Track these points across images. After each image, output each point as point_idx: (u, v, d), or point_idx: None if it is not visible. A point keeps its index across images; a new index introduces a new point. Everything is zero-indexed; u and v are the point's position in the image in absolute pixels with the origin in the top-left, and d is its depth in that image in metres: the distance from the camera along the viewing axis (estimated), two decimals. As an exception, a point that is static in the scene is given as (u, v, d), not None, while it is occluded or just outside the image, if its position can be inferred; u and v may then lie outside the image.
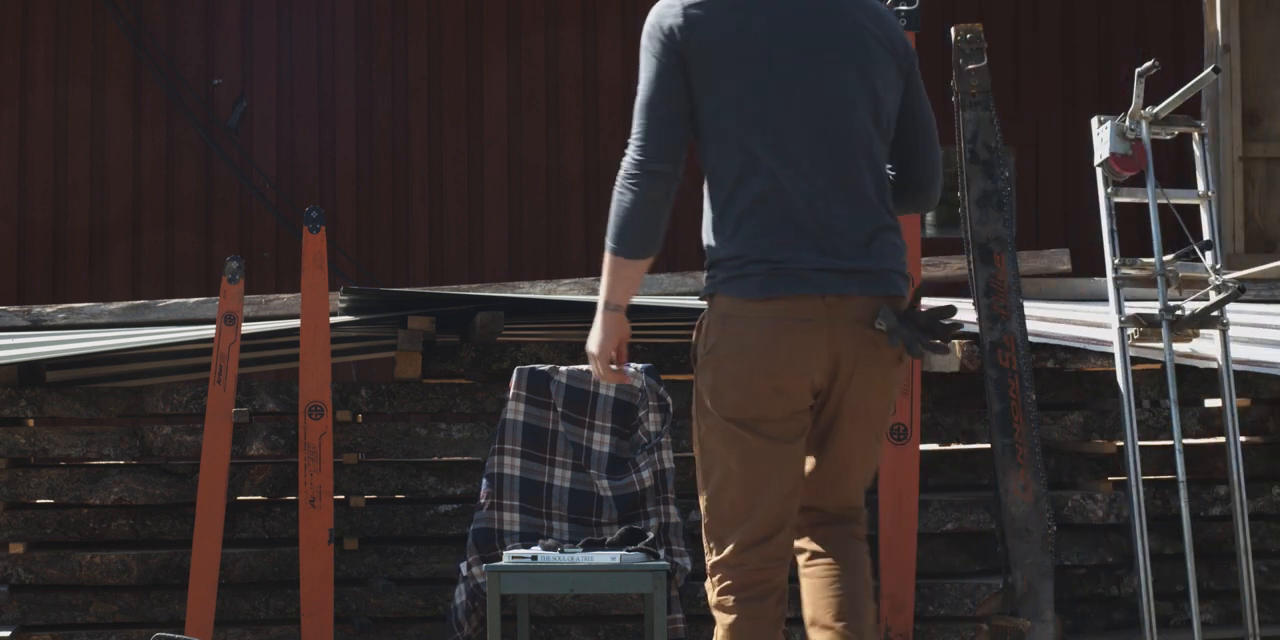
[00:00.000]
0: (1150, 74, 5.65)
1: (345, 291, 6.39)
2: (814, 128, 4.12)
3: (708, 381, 4.12)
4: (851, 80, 4.15)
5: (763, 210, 4.09)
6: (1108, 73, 11.08)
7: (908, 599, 5.63)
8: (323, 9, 10.99)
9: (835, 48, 4.14)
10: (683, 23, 4.14)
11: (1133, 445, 5.65)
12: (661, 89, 4.12)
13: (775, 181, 4.09)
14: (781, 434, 4.12)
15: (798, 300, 4.06)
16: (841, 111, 4.14)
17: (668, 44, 4.14)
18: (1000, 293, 5.74)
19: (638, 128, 4.13)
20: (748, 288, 4.06)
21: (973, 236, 5.78)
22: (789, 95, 4.10)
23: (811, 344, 4.08)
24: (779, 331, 4.06)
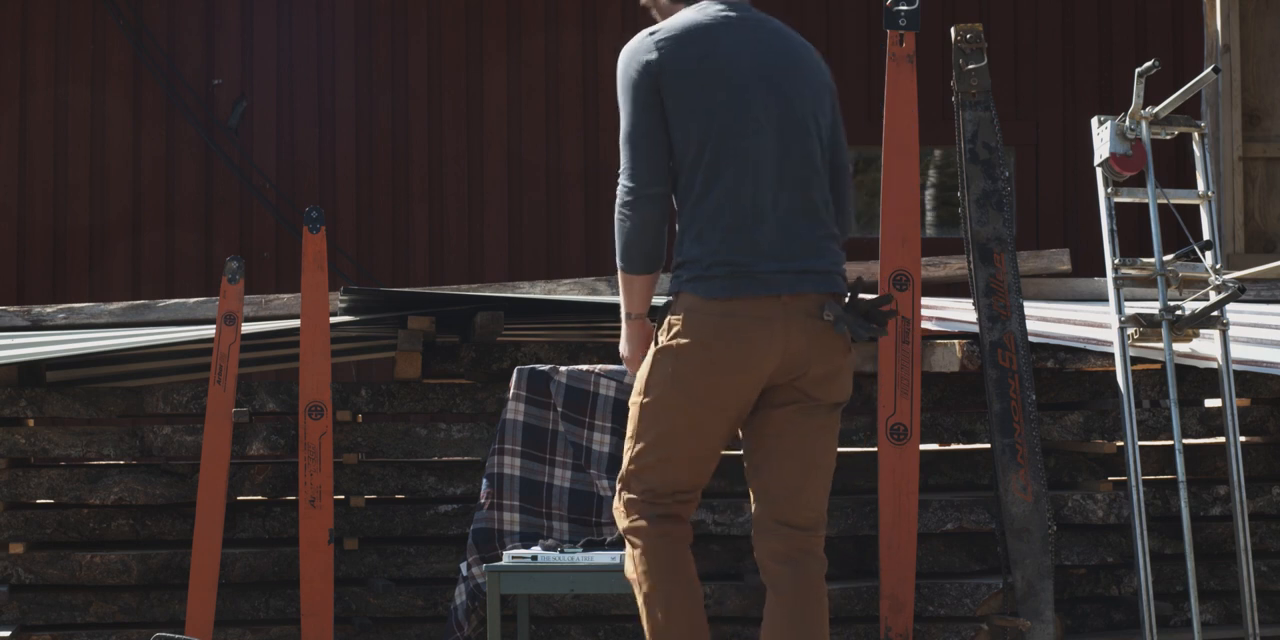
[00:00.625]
0: (1150, 74, 5.66)
1: (345, 291, 6.39)
2: (774, 145, 4.66)
3: (667, 367, 4.66)
4: (806, 105, 4.72)
5: (726, 218, 4.61)
6: (1108, 73, 11.09)
7: (907, 599, 5.63)
8: (323, 9, 11.00)
9: (789, 75, 4.73)
10: (656, 57, 4.67)
11: (1133, 445, 5.65)
12: (644, 121, 4.64)
13: (738, 193, 4.62)
14: (722, 411, 4.67)
15: (757, 300, 4.61)
16: (797, 132, 4.69)
17: (644, 78, 4.66)
18: (1000, 293, 5.74)
19: (627, 158, 4.65)
20: (712, 289, 4.60)
21: (973, 236, 5.78)
22: (753, 117, 4.64)
23: (767, 337, 4.62)
24: (738, 327, 4.61)
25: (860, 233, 11.27)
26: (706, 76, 4.64)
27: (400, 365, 6.16)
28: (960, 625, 5.96)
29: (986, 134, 5.78)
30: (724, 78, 4.64)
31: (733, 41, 4.69)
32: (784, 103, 4.68)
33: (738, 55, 4.68)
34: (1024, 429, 5.69)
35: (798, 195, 4.67)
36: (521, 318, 6.41)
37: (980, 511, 6.01)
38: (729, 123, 4.63)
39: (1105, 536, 6.06)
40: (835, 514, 6.03)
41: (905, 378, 5.67)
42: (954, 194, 5.72)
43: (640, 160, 4.63)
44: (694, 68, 4.64)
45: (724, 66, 4.65)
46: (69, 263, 10.84)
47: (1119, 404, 5.85)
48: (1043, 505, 5.68)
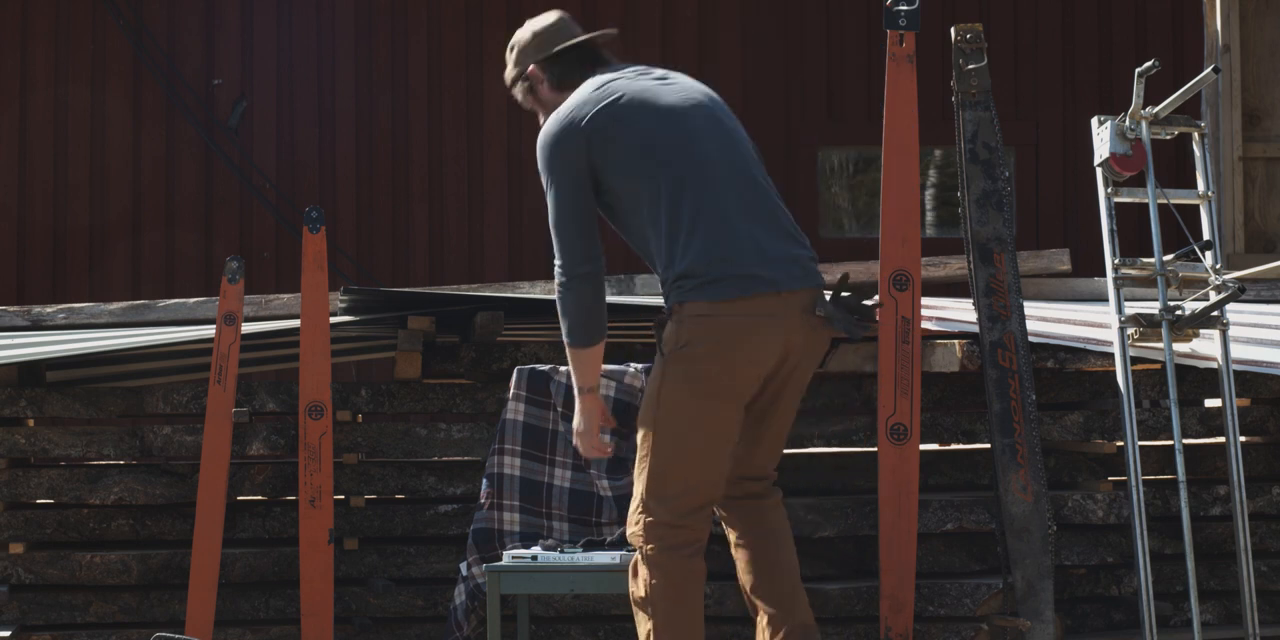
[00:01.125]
0: (1150, 74, 5.66)
1: (345, 291, 6.39)
2: (721, 162, 4.92)
3: (681, 377, 4.85)
4: (730, 123, 5.04)
5: (703, 231, 4.83)
6: (1108, 73, 11.08)
7: (907, 599, 5.63)
8: (323, 9, 11.00)
9: (704, 101, 5.06)
10: (579, 130, 4.91)
11: (1133, 445, 5.65)
12: (572, 201, 4.93)
13: (701, 207, 4.85)
14: (738, 408, 4.90)
15: (764, 297, 4.83)
16: (736, 149, 4.98)
17: (572, 154, 4.92)
18: (1000, 293, 5.74)
19: (559, 242, 4.96)
20: (721, 291, 4.81)
21: (973, 236, 5.78)
22: (693, 145, 4.91)
23: (774, 333, 4.86)
24: (752, 325, 4.83)
25: (860, 233, 11.27)
26: (632, 126, 4.90)
27: (400, 365, 6.16)
28: (960, 625, 5.96)
29: (986, 134, 5.78)
30: (650, 120, 4.91)
31: (639, 90, 4.98)
32: (714, 124, 4.98)
33: (652, 99, 4.97)
34: (1024, 429, 5.69)
35: (757, 202, 4.93)
36: (521, 318, 6.41)
37: (980, 511, 6.01)
38: (672, 157, 4.88)
39: (1105, 536, 6.06)
40: (835, 514, 6.03)
41: (905, 378, 5.67)
42: (954, 194, 5.72)
43: (569, 241, 4.93)
44: (618, 124, 4.90)
45: (643, 112, 4.92)
46: (69, 263, 10.84)
47: (1119, 404, 5.84)
48: (1043, 505, 5.68)
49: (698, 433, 4.87)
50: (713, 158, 4.93)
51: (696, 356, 4.83)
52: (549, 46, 5.17)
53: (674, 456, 4.87)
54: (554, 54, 5.14)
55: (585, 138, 4.90)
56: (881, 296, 5.70)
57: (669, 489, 4.86)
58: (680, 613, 4.86)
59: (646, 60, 11.46)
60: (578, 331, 4.97)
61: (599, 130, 4.89)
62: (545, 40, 5.18)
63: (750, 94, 11.02)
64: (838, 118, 11.12)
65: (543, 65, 5.14)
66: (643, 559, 4.89)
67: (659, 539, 4.87)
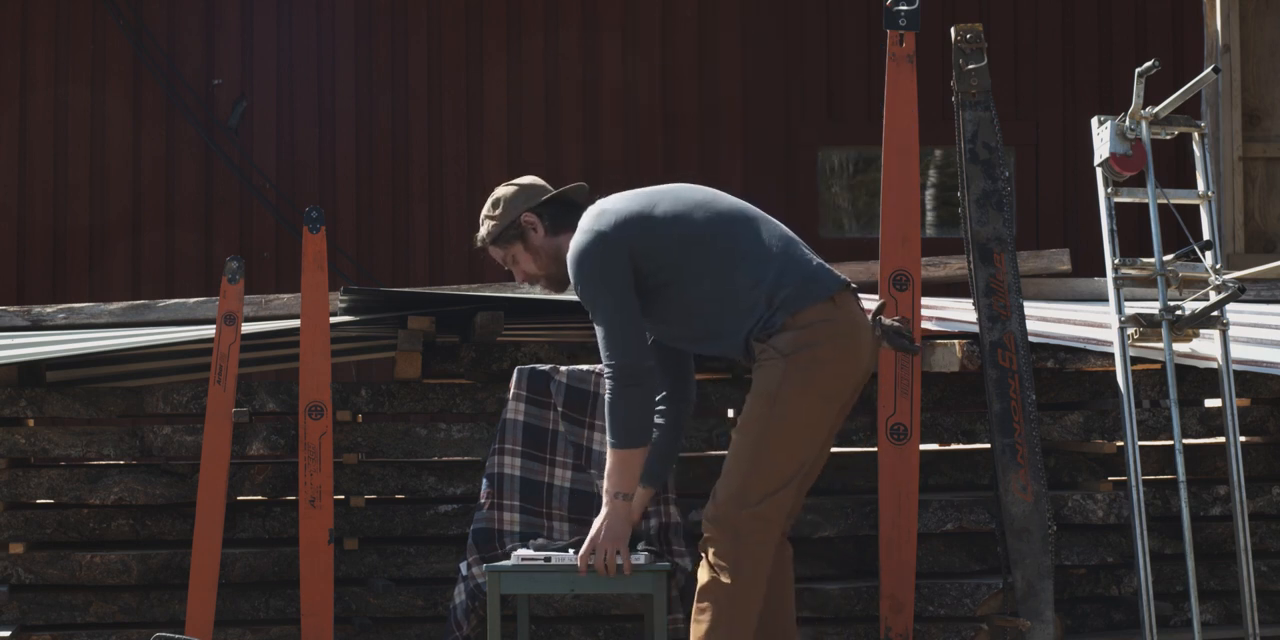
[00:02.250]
0: (1150, 74, 5.66)
1: (345, 291, 6.39)
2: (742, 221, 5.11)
3: (803, 370, 4.95)
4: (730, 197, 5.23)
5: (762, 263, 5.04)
6: (1108, 73, 11.09)
7: (907, 599, 5.64)
8: (323, 9, 11.00)
9: (695, 183, 5.28)
10: (616, 233, 5.05)
11: (1133, 445, 5.65)
12: (624, 298, 5.04)
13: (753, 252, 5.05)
14: (842, 413, 5.10)
15: (844, 296, 5.05)
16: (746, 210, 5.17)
17: (617, 256, 5.05)
18: (1000, 293, 5.74)
19: (618, 339, 5.02)
20: (812, 292, 4.99)
21: (973, 236, 5.78)
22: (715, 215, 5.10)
23: (868, 336, 5.11)
24: (857, 326, 5.06)
25: (860, 233, 11.27)
26: (660, 216, 5.07)
27: (400, 365, 6.16)
28: (960, 625, 5.96)
29: (986, 134, 5.78)
30: (669, 208, 5.09)
31: (648, 190, 5.18)
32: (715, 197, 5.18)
33: (660, 192, 5.16)
34: (1024, 429, 5.69)
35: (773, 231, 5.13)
36: (521, 318, 6.41)
37: (980, 511, 6.01)
38: (703, 231, 5.06)
39: (1105, 536, 6.06)
40: (835, 514, 6.03)
41: (905, 378, 5.67)
42: (954, 194, 5.72)
43: (633, 339, 5.02)
44: (648, 218, 5.06)
45: (661, 202, 5.10)
46: (69, 263, 10.84)
47: (1119, 404, 5.84)
48: (1043, 505, 5.68)
49: (809, 431, 5.03)
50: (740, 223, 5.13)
51: (822, 358, 4.97)
52: (539, 194, 5.31)
53: (786, 454, 5.00)
54: (548, 200, 5.29)
55: (622, 237, 5.05)
56: (881, 296, 5.70)
57: (773, 484, 4.99)
58: (755, 603, 4.99)
59: (647, 60, 11.49)
60: (635, 434, 5.06)
61: (631, 226, 5.07)
62: (532, 191, 5.32)
63: (750, 94, 11.03)
64: (838, 118, 11.13)
65: (537, 211, 5.27)
66: (735, 548, 4.97)
67: (759, 531, 4.98)
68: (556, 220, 5.27)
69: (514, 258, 5.31)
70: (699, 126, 10.96)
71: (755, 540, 4.98)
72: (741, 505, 4.98)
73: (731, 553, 4.97)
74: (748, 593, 4.98)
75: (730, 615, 4.96)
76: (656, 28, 11.03)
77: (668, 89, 10.97)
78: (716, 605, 4.97)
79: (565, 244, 5.21)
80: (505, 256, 5.33)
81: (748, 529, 4.98)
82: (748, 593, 4.98)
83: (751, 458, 5.00)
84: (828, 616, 5.96)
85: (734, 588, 4.96)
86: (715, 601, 4.98)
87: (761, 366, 5.02)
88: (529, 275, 5.33)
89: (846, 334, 5.02)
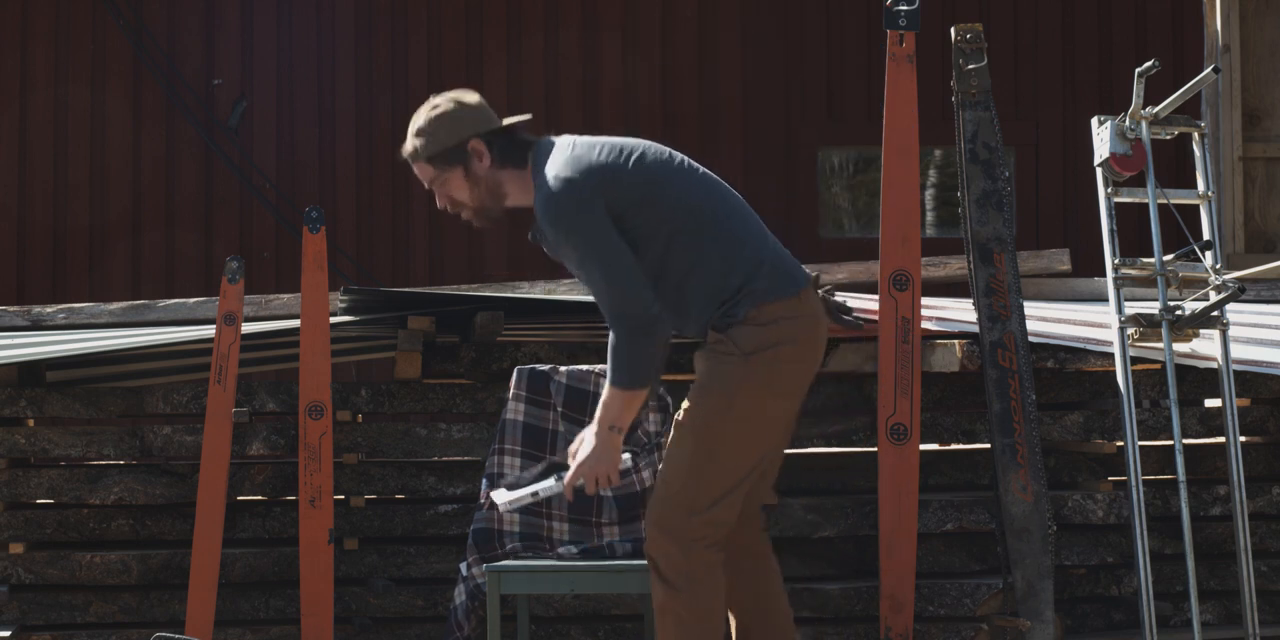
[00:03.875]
0: (1150, 74, 5.66)
1: (345, 291, 6.39)
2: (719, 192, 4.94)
3: (763, 372, 4.78)
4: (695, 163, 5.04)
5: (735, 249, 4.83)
6: (1108, 73, 11.09)
7: (907, 599, 5.64)
8: (323, 9, 11.00)
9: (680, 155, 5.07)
10: (600, 179, 4.81)
11: (1133, 445, 5.65)
12: (619, 246, 4.75)
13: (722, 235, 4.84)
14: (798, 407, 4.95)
15: (807, 292, 4.87)
16: (720, 183, 4.99)
17: (596, 203, 4.77)
18: (1000, 293, 5.74)
19: (623, 287, 4.73)
20: (786, 288, 4.82)
21: (973, 236, 5.78)
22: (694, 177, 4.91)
23: (824, 329, 4.93)
24: (816, 322, 4.89)
25: (860, 233, 11.27)
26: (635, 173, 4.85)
27: (400, 365, 6.16)
28: (960, 625, 5.96)
29: (986, 134, 5.78)
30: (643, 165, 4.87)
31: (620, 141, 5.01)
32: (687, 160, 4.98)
33: (633, 146, 4.97)
34: (1024, 429, 5.69)
35: (751, 217, 4.95)
36: (521, 318, 6.41)
37: (980, 511, 6.01)
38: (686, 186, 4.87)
39: (1105, 536, 6.06)
40: (835, 514, 6.03)
41: (905, 378, 5.67)
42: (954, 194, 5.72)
43: (634, 281, 4.74)
44: (626, 171, 4.85)
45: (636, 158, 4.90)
46: (69, 263, 10.84)
47: (1119, 404, 5.84)
48: (1043, 505, 5.68)
49: (765, 430, 4.86)
50: (719, 191, 4.96)
51: (783, 357, 4.80)
52: (489, 121, 4.97)
53: (741, 455, 4.82)
54: (498, 130, 4.95)
55: (600, 185, 4.81)
56: (881, 296, 5.70)
57: (725, 487, 4.80)
58: (719, 613, 4.84)
59: (647, 60, 11.49)
60: (641, 376, 4.78)
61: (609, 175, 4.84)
62: (482, 115, 4.96)
63: (750, 94, 11.03)
64: (838, 118, 11.13)
65: (486, 139, 4.93)
66: (686, 558, 4.78)
67: (710, 537, 4.80)
68: (505, 153, 4.92)
69: (444, 181, 4.93)
70: (699, 126, 10.96)
71: (705, 545, 4.79)
72: (691, 511, 4.78)
73: (683, 564, 4.78)
74: (709, 603, 4.80)
75: (696, 631, 4.79)
76: (656, 28, 11.03)
77: (668, 89, 10.97)
78: (679, 622, 4.79)
79: (507, 180, 4.91)
80: (435, 178, 4.93)
81: (699, 535, 4.78)
82: (709, 603, 4.80)
83: (702, 462, 4.80)
84: (828, 616, 5.96)
85: (692, 599, 4.78)
86: (676, 617, 4.79)
87: (716, 360, 4.81)
88: (455, 203, 4.95)
89: (808, 330, 4.85)
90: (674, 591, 4.79)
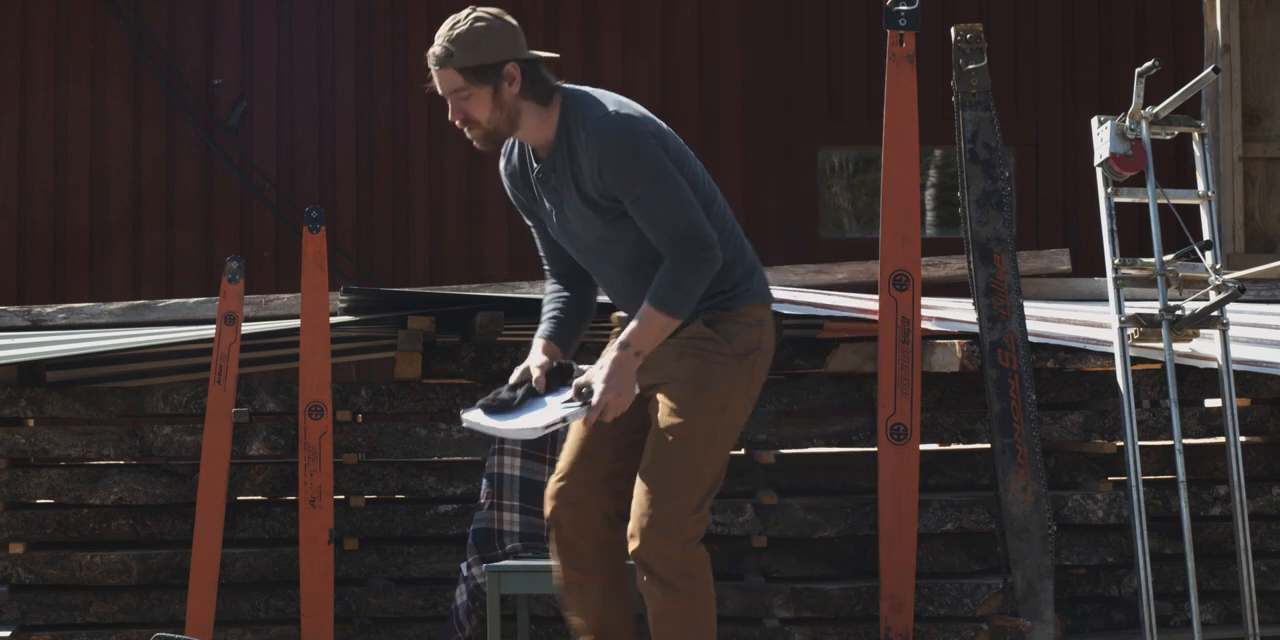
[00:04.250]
0: (1150, 74, 5.66)
1: (345, 291, 6.39)
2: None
3: (747, 374, 4.87)
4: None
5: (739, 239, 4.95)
6: (1108, 73, 11.09)
7: (907, 599, 5.63)
8: (323, 9, 11.00)
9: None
10: (657, 125, 4.81)
11: (1133, 445, 5.65)
12: (677, 174, 4.76)
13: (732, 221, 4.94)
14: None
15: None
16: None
17: (661, 146, 4.76)
18: (1000, 293, 5.74)
19: (692, 209, 4.74)
20: (766, 295, 4.95)
21: (973, 236, 5.78)
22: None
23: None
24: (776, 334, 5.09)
25: (860, 233, 11.27)
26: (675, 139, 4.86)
27: (400, 365, 6.16)
28: (960, 625, 5.96)
29: (986, 134, 5.78)
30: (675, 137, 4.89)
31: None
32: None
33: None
34: (1024, 429, 5.69)
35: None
36: (521, 318, 6.40)
37: (980, 511, 6.01)
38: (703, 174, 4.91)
39: (1105, 536, 6.06)
40: (835, 514, 6.03)
41: (905, 378, 5.67)
42: (954, 194, 5.72)
43: (702, 217, 4.75)
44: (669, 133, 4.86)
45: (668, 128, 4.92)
46: (69, 263, 10.84)
47: (1119, 404, 5.84)
48: (1043, 505, 5.68)
49: (738, 430, 4.97)
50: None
51: (760, 362, 4.90)
52: (525, 47, 4.81)
53: (725, 455, 4.89)
54: (535, 57, 4.80)
55: (666, 136, 4.81)
56: (881, 296, 5.70)
57: (714, 484, 4.86)
58: (713, 604, 4.87)
59: (647, 60, 11.48)
60: (690, 303, 4.74)
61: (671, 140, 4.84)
62: (520, 38, 4.80)
63: (750, 94, 11.03)
64: (838, 118, 11.13)
65: (522, 66, 4.77)
66: (683, 554, 4.77)
67: (701, 533, 4.82)
68: (534, 84, 4.75)
69: (470, 96, 4.76)
70: (699, 126, 10.95)
71: (697, 542, 4.81)
72: (689, 510, 4.77)
73: (681, 563, 4.77)
74: (707, 598, 4.82)
75: (697, 629, 4.81)
76: (656, 28, 11.03)
77: (668, 89, 10.97)
78: (682, 621, 4.80)
79: (526, 110, 4.75)
80: (460, 90, 4.76)
81: (695, 533, 4.78)
82: (707, 598, 4.82)
83: (701, 462, 4.80)
84: (828, 616, 5.96)
85: (692, 597, 4.79)
86: (680, 618, 4.79)
87: (706, 359, 4.81)
88: (470, 120, 4.80)
89: (773, 339, 4.97)
90: (674, 592, 4.78)
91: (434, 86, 4.82)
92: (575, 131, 4.75)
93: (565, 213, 4.85)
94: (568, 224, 4.85)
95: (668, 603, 4.80)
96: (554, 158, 4.81)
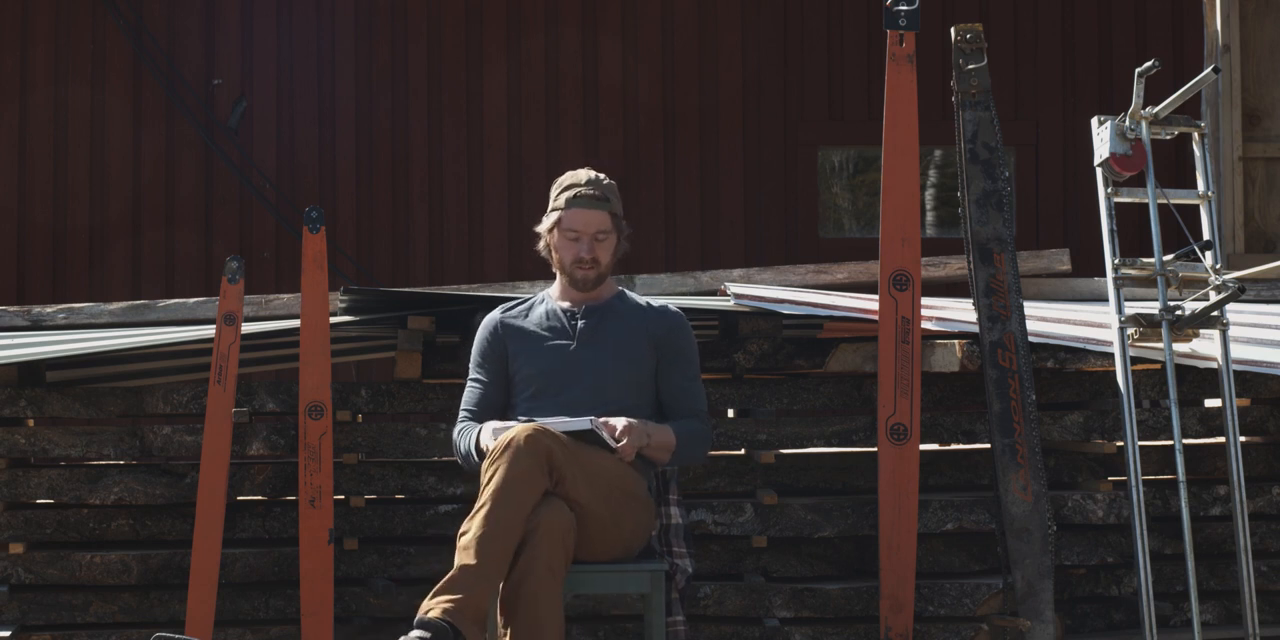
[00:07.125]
0: (1150, 74, 5.66)
1: (345, 291, 6.39)
2: None
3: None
4: None
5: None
6: (1108, 73, 11.09)
7: (907, 599, 5.64)
8: (323, 9, 11.00)
9: None
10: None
11: (1133, 445, 5.65)
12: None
13: None
14: None
15: None
16: None
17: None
18: (1000, 293, 5.74)
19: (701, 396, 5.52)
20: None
21: (973, 236, 5.78)
22: None
23: None
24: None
25: (860, 233, 11.27)
26: None
27: (400, 365, 6.16)
28: (960, 625, 5.96)
29: (986, 134, 5.78)
30: None
31: None
32: None
33: None
34: (1024, 429, 5.69)
35: None
36: (521, 318, 6.40)
37: (980, 511, 6.01)
38: None
39: (1105, 536, 6.06)
40: (835, 514, 6.03)
41: (905, 378, 5.67)
42: (954, 194, 5.72)
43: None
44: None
45: None
46: (69, 263, 10.84)
47: (1119, 404, 5.84)
48: (1043, 505, 5.68)
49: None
50: None
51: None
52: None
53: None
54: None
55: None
56: (881, 296, 5.70)
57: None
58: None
59: (647, 62, 11.47)
60: (682, 457, 5.37)
61: None
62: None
63: (750, 94, 11.03)
64: (838, 118, 11.13)
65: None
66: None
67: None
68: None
69: (608, 239, 5.37)
70: (699, 126, 10.95)
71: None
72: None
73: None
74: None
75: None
76: (656, 28, 11.03)
77: (668, 89, 10.97)
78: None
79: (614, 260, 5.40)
80: (607, 233, 5.36)
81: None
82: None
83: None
84: (828, 616, 5.96)
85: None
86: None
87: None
88: (597, 260, 5.35)
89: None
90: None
91: (570, 219, 5.36)
92: (629, 297, 5.43)
93: (591, 349, 5.34)
94: (581, 354, 5.34)
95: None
96: (607, 307, 5.40)
